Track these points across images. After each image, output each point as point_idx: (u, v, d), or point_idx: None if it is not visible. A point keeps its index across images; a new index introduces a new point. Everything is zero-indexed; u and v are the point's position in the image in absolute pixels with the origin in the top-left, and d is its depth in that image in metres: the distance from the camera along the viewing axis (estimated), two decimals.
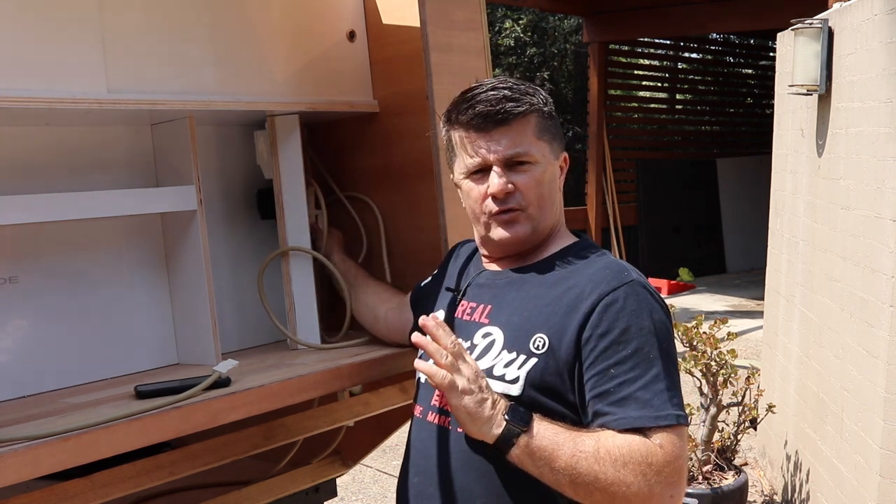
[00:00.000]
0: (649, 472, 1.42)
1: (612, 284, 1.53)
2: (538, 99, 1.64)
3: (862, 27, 3.50)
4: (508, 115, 1.59)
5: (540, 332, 1.54)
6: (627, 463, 1.42)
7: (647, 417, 1.45)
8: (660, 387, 1.47)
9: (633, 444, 1.43)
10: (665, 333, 1.53)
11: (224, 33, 1.95)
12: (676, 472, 1.44)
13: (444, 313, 1.75)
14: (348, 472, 2.57)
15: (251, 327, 2.20)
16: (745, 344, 7.12)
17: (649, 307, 1.52)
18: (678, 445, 1.45)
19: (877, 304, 3.22)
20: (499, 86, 1.62)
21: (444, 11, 2.09)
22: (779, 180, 5.02)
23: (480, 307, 1.67)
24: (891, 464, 3.10)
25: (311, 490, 2.35)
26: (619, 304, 1.51)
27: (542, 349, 1.53)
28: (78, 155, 1.92)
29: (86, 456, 1.52)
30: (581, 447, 1.44)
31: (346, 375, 1.95)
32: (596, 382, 1.48)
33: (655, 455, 1.43)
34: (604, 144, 10.92)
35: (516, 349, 1.56)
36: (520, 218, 1.63)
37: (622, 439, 1.44)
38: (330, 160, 2.33)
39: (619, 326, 1.49)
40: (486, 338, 1.61)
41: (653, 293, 1.56)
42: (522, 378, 1.53)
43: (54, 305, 1.87)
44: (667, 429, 1.45)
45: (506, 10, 13.54)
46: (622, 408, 1.46)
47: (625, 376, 1.47)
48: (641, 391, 1.46)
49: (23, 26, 1.63)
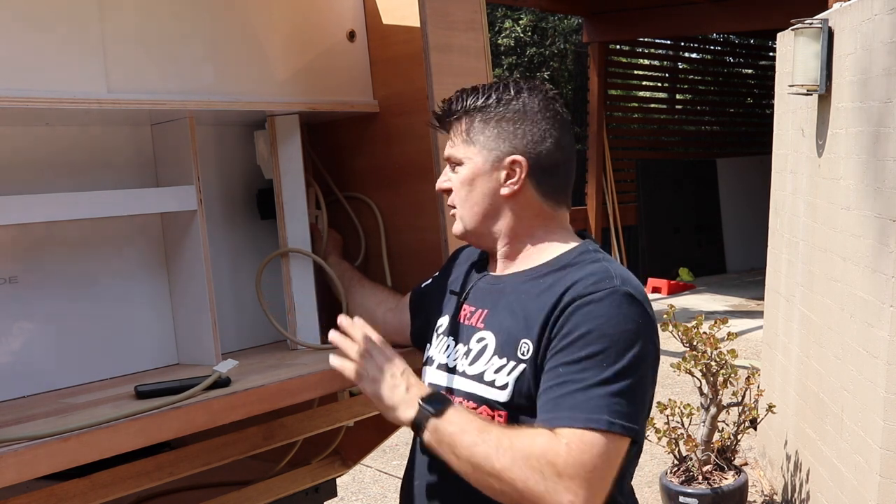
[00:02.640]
0: (548, 471, 1.37)
1: (589, 290, 1.49)
2: (476, 100, 1.65)
3: (862, 27, 3.50)
4: (443, 119, 1.70)
5: (525, 337, 1.54)
6: (528, 457, 1.38)
7: (570, 418, 1.40)
8: (601, 391, 1.41)
9: (536, 439, 1.40)
10: (634, 344, 1.45)
11: (224, 33, 1.95)
12: (584, 480, 1.36)
13: (447, 318, 1.75)
14: (348, 472, 2.57)
15: (251, 327, 2.20)
16: (745, 344, 7.11)
17: (623, 316, 1.46)
18: (595, 452, 1.38)
19: (877, 304, 3.22)
20: (465, 87, 1.69)
21: (444, 11, 2.09)
22: (779, 180, 5.02)
23: (479, 311, 1.67)
24: (891, 464, 3.09)
25: (311, 490, 2.35)
26: (589, 309, 1.47)
27: (527, 355, 1.52)
28: (78, 155, 1.92)
29: (86, 456, 1.52)
30: (486, 436, 1.43)
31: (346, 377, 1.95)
32: (546, 379, 1.47)
33: (558, 454, 1.37)
34: (604, 144, 10.92)
35: (506, 355, 1.55)
36: (455, 216, 1.71)
37: (530, 433, 1.41)
38: (330, 160, 2.33)
39: (581, 329, 1.46)
40: (479, 342, 1.62)
41: (636, 303, 1.49)
42: (511, 385, 1.52)
43: (54, 305, 1.87)
44: (589, 431, 1.38)
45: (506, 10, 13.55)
46: (555, 407, 1.43)
47: (569, 377, 1.43)
48: (580, 393, 1.41)
49: (23, 26, 1.63)
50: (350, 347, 1.61)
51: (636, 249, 11.31)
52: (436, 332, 1.78)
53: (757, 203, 8.73)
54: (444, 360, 1.70)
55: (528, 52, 13.79)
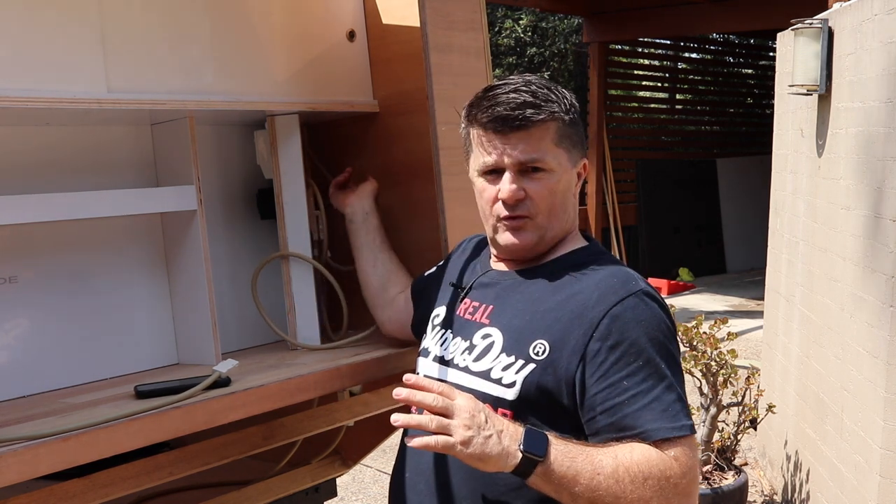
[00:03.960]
0: (667, 487, 1.40)
1: (620, 294, 1.51)
2: (561, 106, 1.60)
3: (862, 27, 3.50)
4: (527, 121, 1.55)
5: (541, 337, 1.52)
6: (647, 479, 1.40)
7: (664, 429, 1.43)
8: (671, 398, 1.46)
9: (651, 460, 1.41)
10: (672, 343, 1.52)
11: (224, 33, 1.95)
12: (691, 482, 1.43)
13: (444, 309, 1.74)
14: (348, 472, 2.57)
15: (251, 327, 2.20)
16: (745, 344, 7.11)
17: (657, 317, 1.51)
18: (691, 456, 1.44)
19: (877, 304, 3.22)
20: (521, 88, 1.58)
21: (444, 11, 2.09)
22: (779, 180, 5.02)
23: (482, 307, 1.65)
24: (891, 464, 3.09)
25: (311, 490, 2.35)
26: (629, 315, 1.49)
27: (541, 355, 1.51)
28: (78, 155, 1.92)
29: (86, 456, 1.52)
30: (599, 468, 1.40)
31: (346, 375, 1.95)
32: (608, 395, 1.45)
33: (672, 469, 1.41)
34: (604, 144, 10.92)
35: (515, 353, 1.54)
36: (527, 226, 1.60)
37: (639, 455, 1.41)
38: (330, 160, 2.32)
39: (628, 338, 1.47)
40: (485, 339, 1.60)
41: (658, 301, 1.54)
42: (519, 383, 1.51)
43: (54, 305, 1.87)
44: (681, 440, 1.44)
45: (506, 10, 13.54)
46: (637, 420, 1.44)
47: (637, 388, 1.45)
48: (655, 403, 1.44)
49: (23, 26, 1.63)
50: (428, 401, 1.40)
51: (636, 249, 11.31)
52: (431, 323, 1.77)
53: (757, 203, 8.74)
54: (439, 353, 1.69)
55: (528, 52, 13.79)
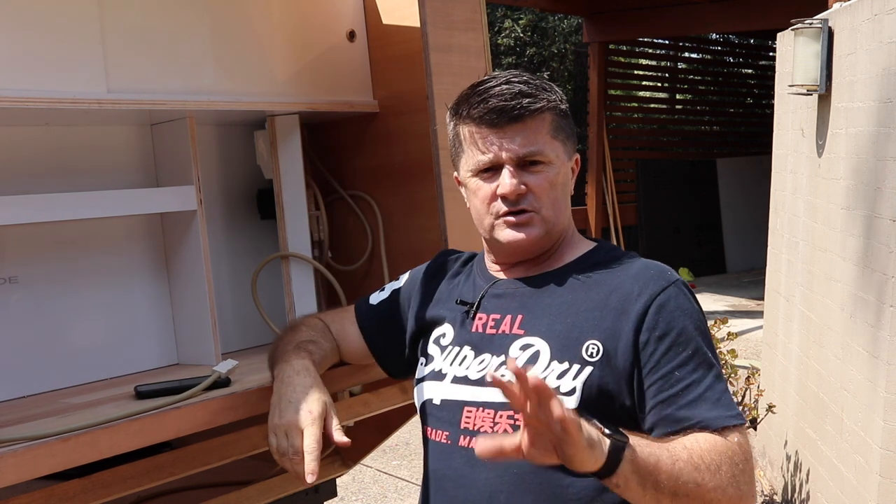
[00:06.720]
0: (737, 473, 1.39)
1: (661, 284, 1.49)
2: (555, 96, 1.57)
3: (862, 27, 3.50)
4: (524, 111, 1.50)
5: (591, 338, 1.47)
6: (721, 466, 1.38)
7: (723, 417, 1.42)
8: (722, 386, 1.46)
9: (719, 447, 1.39)
10: (709, 333, 1.53)
11: (224, 33, 1.95)
12: (753, 468, 1.44)
13: (452, 329, 1.63)
14: (348, 472, 2.57)
15: (251, 327, 2.20)
16: (745, 344, 7.11)
17: (696, 308, 1.51)
18: (748, 443, 1.45)
19: (877, 304, 3.22)
20: (513, 80, 1.53)
21: (444, 11, 2.09)
22: (779, 180, 5.02)
23: (508, 318, 1.55)
24: (891, 464, 3.09)
25: (311, 490, 2.34)
26: (672, 305, 1.48)
27: (596, 356, 1.46)
28: (78, 155, 1.92)
29: (86, 456, 1.52)
30: (675, 455, 1.35)
31: (346, 375, 1.95)
32: (661, 387, 1.43)
33: (738, 455, 1.40)
34: (604, 144, 10.92)
35: (567, 358, 1.47)
36: (533, 220, 1.54)
37: (708, 443, 1.39)
38: (330, 160, 2.32)
39: (676, 328, 1.46)
40: (525, 350, 1.51)
41: (693, 292, 1.54)
42: (579, 388, 1.45)
43: (54, 305, 1.87)
44: (738, 428, 1.43)
45: (506, 10, 13.55)
46: (695, 410, 1.42)
47: (689, 378, 1.44)
48: (709, 392, 1.43)
49: (23, 26, 1.63)
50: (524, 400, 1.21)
51: (636, 249, 11.28)
52: (436, 345, 1.64)
53: (757, 203, 8.73)
54: (461, 373, 1.57)
55: (527, 52, 13.80)
